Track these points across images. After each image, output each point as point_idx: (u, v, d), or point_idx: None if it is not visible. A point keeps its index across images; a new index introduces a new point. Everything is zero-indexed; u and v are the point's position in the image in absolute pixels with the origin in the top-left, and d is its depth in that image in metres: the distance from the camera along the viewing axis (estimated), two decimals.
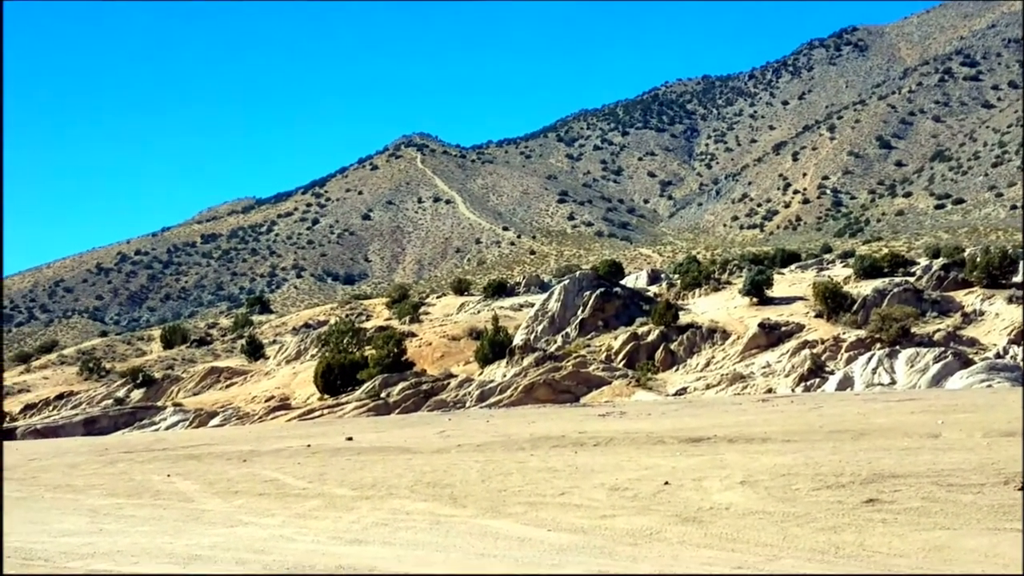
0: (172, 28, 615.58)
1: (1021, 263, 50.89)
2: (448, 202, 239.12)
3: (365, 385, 44.85)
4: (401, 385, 44.03)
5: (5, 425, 52.01)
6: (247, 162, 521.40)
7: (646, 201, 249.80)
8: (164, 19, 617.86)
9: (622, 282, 67.72)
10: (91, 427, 49.15)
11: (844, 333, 43.65)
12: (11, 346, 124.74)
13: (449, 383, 44.41)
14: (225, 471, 20.27)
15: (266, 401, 49.74)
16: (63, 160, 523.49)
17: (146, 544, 11.97)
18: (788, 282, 58.85)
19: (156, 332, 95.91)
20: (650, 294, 61.76)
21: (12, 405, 61.16)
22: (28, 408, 59.51)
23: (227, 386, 57.81)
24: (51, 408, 58.36)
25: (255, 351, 66.07)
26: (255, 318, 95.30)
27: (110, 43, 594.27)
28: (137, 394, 58.32)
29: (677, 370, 44.75)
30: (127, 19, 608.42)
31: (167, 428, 45.91)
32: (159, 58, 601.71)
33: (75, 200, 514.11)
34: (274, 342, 70.45)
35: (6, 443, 44.10)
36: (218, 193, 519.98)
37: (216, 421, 45.83)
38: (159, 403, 54.34)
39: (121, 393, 58.98)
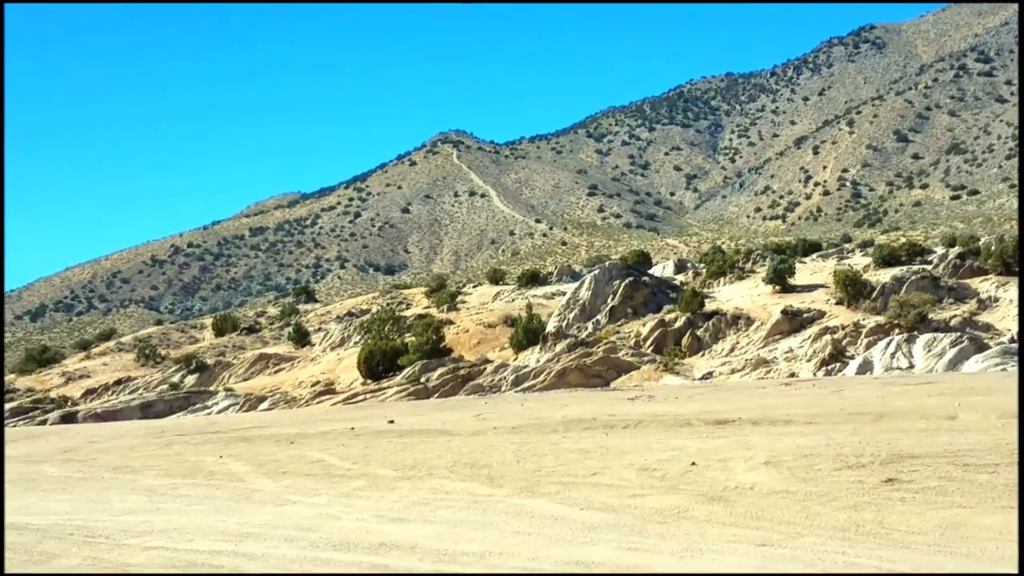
0: (223, 32, 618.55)
1: None
2: (483, 196, 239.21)
3: (406, 370, 45.00)
4: (440, 370, 44.12)
5: (68, 409, 52.57)
6: (292, 158, 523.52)
7: (672, 194, 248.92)
8: (215, 23, 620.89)
9: (650, 271, 67.48)
10: (147, 411, 49.57)
11: (864, 319, 43.34)
12: (72, 334, 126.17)
13: (485, 368, 44.46)
14: (274, 453, 20.39)
15: (312, 386, 49.96)
16: (119, 158, 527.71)
17: (200, 522, 12.07)
18: (809, 271, 58.47)
19: (208, 320, 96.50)
20: (677, 282, 61.54)
21: (74, 390, 61.80)
22: (88, 393, 60.10)
23: (275, 372, 58.12)
24: (110, 393, 58.91)
25: (301, 338, 66.38)
26: (301, 307, 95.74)
27: (164, 47, 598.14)
28: (191, 379, 58.73)
29: (703, 355, 44.58)
30: (181, 21, 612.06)
31: (219, 412, 46.21)
32: (209, 61, 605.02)
33: (130, 195, 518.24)
34: (319, 330, 70.67)
35: (68, 426, 44.60)
36: (265, 188, 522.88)
37: (265, 405, 46.11)
38: (211, 388, 54.70)
39: (176, 379, 59.45)
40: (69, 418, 49.92)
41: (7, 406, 55.88)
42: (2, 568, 9.50)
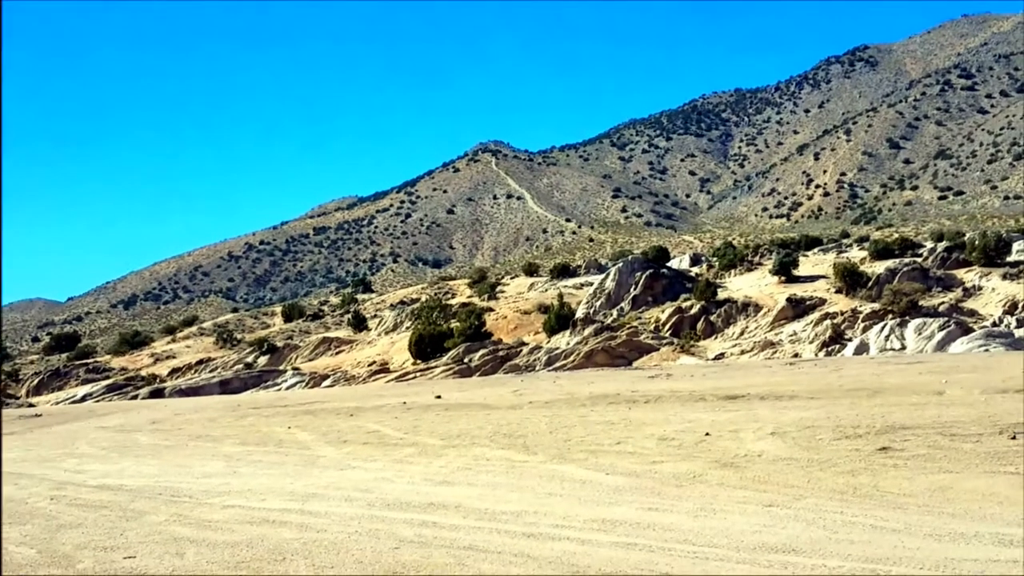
0: (292, 60, 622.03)
1: (1014, 245, 50.41)
2: (519, 198, 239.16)
3: (451, 352, 45.13)
4: (481, 352, 44.22)
5: (156, 385, 53.16)
6: (351, 166, 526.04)
7: (688, 195, 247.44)
8: (285, 55, 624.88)
9: (668, 264, 67.27)
10: (225, 387, 50.04)
11: (860, 306, 43.00)
12: (160, 321, 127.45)
13: (521, 350, 44.51)
14: (335, 424, 20.49)
15: (368, 366, 50.22)
16: (200, 164, 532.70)
17: (271, 484, 12.16)
18: (811, 263, 58.08)
19: (278, 308, 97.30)
20: (692, 274, 61.30)
21: (161, 369, 62.51)
22: (174, 371, 60.75)
23: (336, 353, 58.46)
24: (193, 371, 59.53)
25: (359, 324, 66.73)
26: (359, 296, 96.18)
27: (249, 71, 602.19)
28: (263, 360, 59.21)
29: (715, 338, 44.37)
30: (258, 53, 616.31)
31: (287, 388, 46.55)
32: (279, 82, 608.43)
33: (210, 198, 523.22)
34: (375, 316, 70.98)
35: (156, 400, 45.10)
36: (327, 192, 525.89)
37: (327, 382, 46.41)
38: (280, 367, 55.14)
39: (250, 359, 59.96)
40: (157, 393, 50.50)
41: (104, 383, 56.62)
42: None
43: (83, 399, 52.55)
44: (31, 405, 52.21)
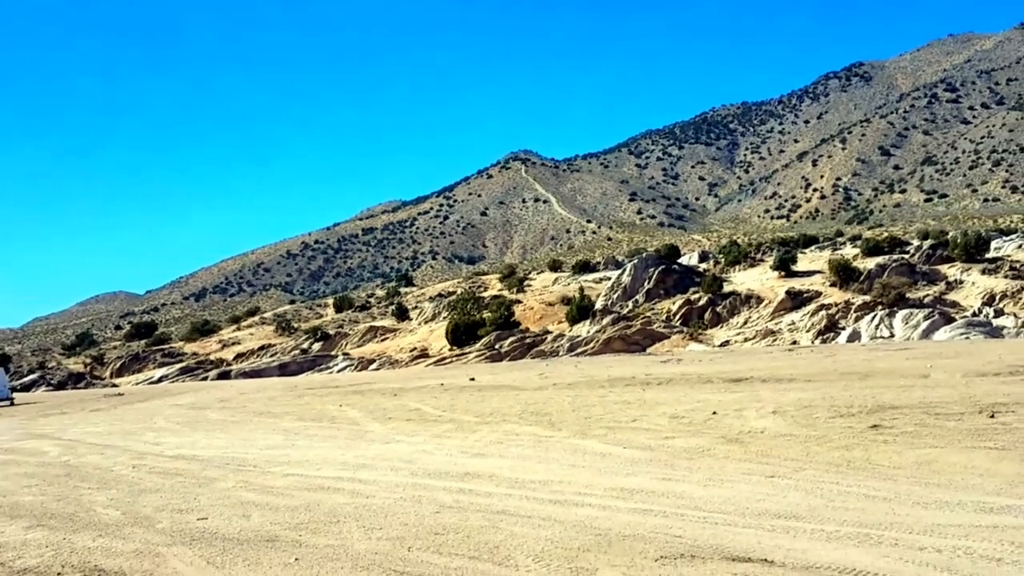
0: (338, 83, 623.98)
1: (992, 243, 50.21)
2: (545, 202, 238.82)
3: (483, 339, 45.19)
4: (510, 339, 44.24)
5: (223, 368, 53.61)
6: (395, 173, 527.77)
7: (697, 199, 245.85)
8: (337, 79, 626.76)
9: (679, 261, 66.84)
10: (284, 370, 50.43)
11: (853, 298, 42.60)
12: (226, 311, 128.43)
13: (546, 337, 44.48)
14: (381, 403, 20.61)
15: (410, 351, 50.39)
16: (263, 171, 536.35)
17: (325, 455, 12.27)
18: (809, 259, 57.58)
19: (330, 300, 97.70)
20: (700, 269, 60.94)
21: (228, 354, 63.02)
22: (239, 356, 61.24)
23: (382, 340, 58.70)
24: (255, 356, 60.00)
25: (402, 314, 66.96)
26: (402, 289, 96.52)
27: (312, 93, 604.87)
28: (317, 346, 59.55)
29: (721, 327, 44.11)
30: (319, 72, 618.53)
31: (338, 371, 46.81)
32: (333, 100, 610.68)
33: (271, 202, 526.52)
34: (416, 307, 71.14)
35: (224, 381, 45.51)
36: (373, 197, 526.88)
37: (374, 366, 46.62)
38: (332, 352, 55.44)
39: (305, 345, 60.32)
40: (224, 375, 50.99)
41: (178, 366, 57.22)
42: None
43: (159, 380, 53.16)
44: (115, 385, 52.95)
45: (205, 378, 50.78)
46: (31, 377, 58.94)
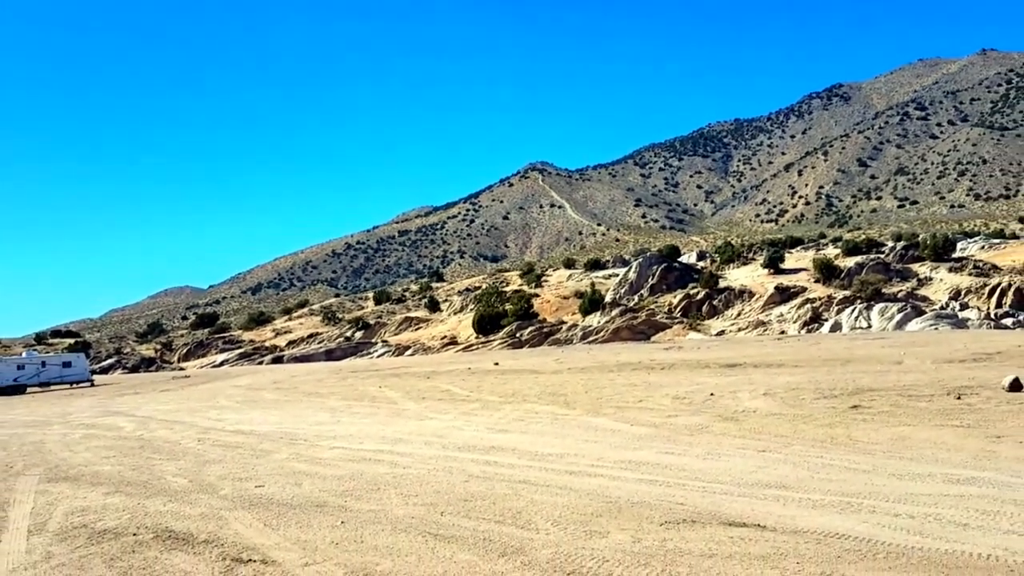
0: (378, 102, 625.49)
1: (958, 244, 49.90)
2: (560, 207, 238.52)
3: (505, 329, 45.24)
4: (529, 328, 44.25)
5: (276, 354, 53.95)
6: (428, 181, 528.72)
7: (695, 204, 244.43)
8: (390, 98, 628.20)
9: (679, 259, 66.58)
10: (330, 355, 50.68)
11: (835, 293, 42.29)
12: (279, 303, 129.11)
13: (562, 327, 44.45)
14: (416, 384, 20.67)
15: (441, 339, 50.52)
16: (313, 178, 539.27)
17: (367, 430, 12.32)
18: (795, 258, 57.19)
19: (370, 294, 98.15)
20: (698, 267, 60.64)
21: (280, 341, 63.44)
22: (290, 343, 61.64)
23: (416, 329, 58.91)
24: (304, 343, 60.37)
25: (434, 306, 67.18)
26: (433, 284, 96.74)
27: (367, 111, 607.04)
28: (359, 334, 59.83)
29: (717, 319, 43.90)
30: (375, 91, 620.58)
31: (378, 356, 47.01)
32: (381, 117, 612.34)
33: (319, 207, 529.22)
34: (446, 300, 71.37)
35: (277, 365, 45.77)
36: (408, 202, 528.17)
37: (409, 352, 46.78)
38: (372, 340, 55.68)
39: (348, 333, 60.64)
40: (278, 360, 51.33)
41: (237, 352, 57.65)
42: None
43: (221, 364, 53.60)
44: (181, 368, 53.44)
45: (261, 362, 51.14)
46: (108, 361, 59.62)
